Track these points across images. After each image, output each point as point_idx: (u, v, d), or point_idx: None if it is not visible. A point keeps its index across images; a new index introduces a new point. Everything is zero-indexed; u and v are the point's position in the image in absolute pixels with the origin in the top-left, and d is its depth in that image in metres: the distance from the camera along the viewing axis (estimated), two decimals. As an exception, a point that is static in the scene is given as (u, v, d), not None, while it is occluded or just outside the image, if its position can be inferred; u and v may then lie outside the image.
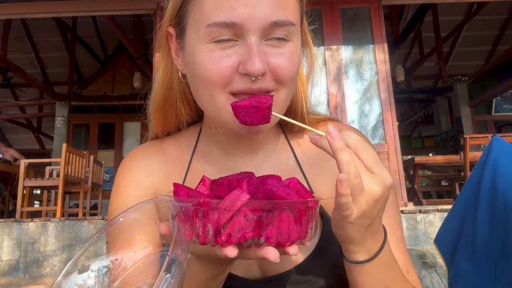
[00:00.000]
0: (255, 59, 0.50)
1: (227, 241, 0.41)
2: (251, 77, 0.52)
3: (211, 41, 0.52)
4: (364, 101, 4.66)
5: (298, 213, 0.43)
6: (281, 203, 0.42)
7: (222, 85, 0.53)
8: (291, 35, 0.54)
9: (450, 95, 9.03)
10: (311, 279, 0.60)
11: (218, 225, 0.41)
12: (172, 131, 0.73)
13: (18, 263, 4.02)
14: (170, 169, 0.68)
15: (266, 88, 0.53)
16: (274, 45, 0.53)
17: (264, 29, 0.52)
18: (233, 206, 0.41)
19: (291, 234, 0.43)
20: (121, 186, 0.67)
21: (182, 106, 0.67)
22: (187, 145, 0.70)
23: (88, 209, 5.40)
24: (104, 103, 9.39)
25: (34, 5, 4.86)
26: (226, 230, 0.41)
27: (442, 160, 5.48)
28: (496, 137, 1.26)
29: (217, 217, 0.41)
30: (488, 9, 7.61)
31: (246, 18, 0.50)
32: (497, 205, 1.12)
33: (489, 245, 1.14)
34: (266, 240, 0.42)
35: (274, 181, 0.46)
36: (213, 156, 0.68)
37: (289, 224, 0.42)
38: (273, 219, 0.42)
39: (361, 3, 4.80)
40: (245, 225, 0.41)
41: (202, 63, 0.53)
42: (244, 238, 0.41)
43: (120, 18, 6.15)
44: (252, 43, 0.51)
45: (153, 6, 4.67)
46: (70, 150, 4.97)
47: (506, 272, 1.09)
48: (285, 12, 0.52)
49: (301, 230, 0.44)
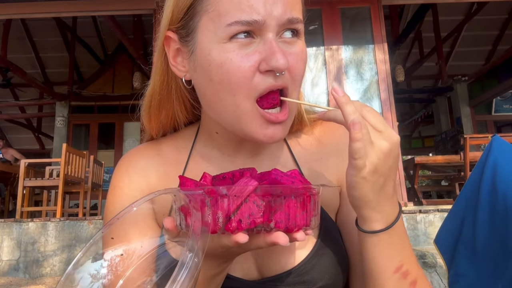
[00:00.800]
0: (278, 54, 0.50)
1: (238, 227, 0.42)
2: (274, 73, 0.52)
3: (230, 41, 0.52)
4: (364, 101, 4.66)
5: (303, 200, 0.44)
6: (288, 189, 0.43)
7: (248, 88, 0.52)
8: (300, 33, 0.56)
9: (450, 95, 9.04)
10: (309, 279, 0.59)
11: (228, 212, 0.42)
12: (168, 131, 0.72)
13: (18, 263, 4.02)
14: (167, 170, 0.68)
15: (287, 85, 0.54)
16: (286, 41, 0.54)
17: (280, 26, 0.53)
18: (242, 192, 0.41)
19: (298, 220, 0.43)
20: (117, 188, 0.67)
21: (179, 108, 0.66)
22: (184, 146, 0.70)
23: (88, 209, 5.40)
24: (104, 103, 9.39)
25: (34, 5, 4.86)
26: (236, 217, 0.42)
27: (442, 160, 5.48)
28: (496, 137, 1.26)
29: (227, 204, 0.41)
30: (488, 9, 7.61)
31: (266, 15, 0.51)
32: (497, 205, 1.12)
33: (489, 245, 1.14)
34: (275, 225, 0.42)
35: (278, 170, 0.47)
36: (211, 157, 0.67)
37: (296, 210, 0.43)
38: (281, 205, 0.42)
39: (361, 3, 4.80)
40: (255, 210, 0.42)
41: (223, 65, 0.52)
42: (254, 224, 0.42)
43: (120, 18, 6.15)
44: (271, 39, 0.52)
45: (153, 6, 4.67)
46: (70, 150, 4.98)
47: (506, 272, 1.09)
48: (296, 10, 0.54)
49: (306, 217, 0.44)
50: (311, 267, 0.60)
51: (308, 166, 0.67)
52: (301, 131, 0.71)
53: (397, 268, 0.52)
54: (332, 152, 0.67)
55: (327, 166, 0.67)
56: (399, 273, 0.52)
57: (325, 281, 0.60)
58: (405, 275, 0.52)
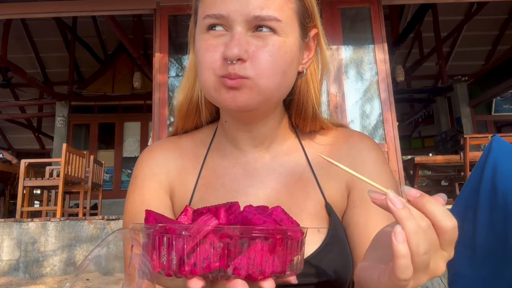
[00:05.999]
0: (231, 44, 0.56)
1: (192, 271, 0.38)
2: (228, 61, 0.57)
3: (207, 31, 0.60)
4: (364, 101, 4.66)
5: (273, 243, 0.38)
6: (252, 229, 0.38)
7: (212, 68, 0.59)
8: (278, 30, 0.58)
9: (450, 95, 9.03)
10: (315, 272, 0.61)
11: (182, 254, 0.38)
12: (190, 129, 0.77)
13: (18, 263, 4.02)
14: (186, 163, 0.72)
15: (242, 74, 0.57)
16: (258, 35, 0.58)
17: (248, 22, 0.57)
18: (199, 232, 0.37)
19: (265, 266, 0.38)
20: (138, 179, 0.71)
21: (203, 102, 0.71)
22: (202, 140, 0.74)
23: (88, 209, 5.40)
24: (104, 103, 9.38)
25: (34, 5, 4.85)
26: (190, 260, 0.38)
27: (442, 160, 5.48)
28: (496, 137, 1.25)
29: (182, 244, 0.37)
30: (488, 9, 7.60)
31: (232, 11, 0.57)
32: (497, 205, 1.12)
33: (489, 245, 1.14)
34: (233, 272, 0.38)
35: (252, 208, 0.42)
36: (226, 151, 0.71)
37: (263, 254, 0.38)
38: (244, 248, 0.38)
39: (361, 3, 4.79)
40: (211, 253, 0.37)
41: (199, 50, 0.61)
42: (209, 269, 0.37)
43: (120, 18, 6.15)
44: (235, 32, 0.57)
45: (153, 6, 4.67)
46: (70, 150, 4.97)
47: (506, 272, 1.09)
48: (271, 8, 0.58)
49: (277, 263, 0.39)
50: (318, 260, 0.61)
51: (321, 167, 0.69)
52: (316, 132, 0.74)
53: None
54: (344, 156, 0.69)
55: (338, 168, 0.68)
56: None
57: (330, 276, 0.61)
58: None
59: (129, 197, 0.70)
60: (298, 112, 0.71)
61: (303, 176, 0.69)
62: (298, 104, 0.70)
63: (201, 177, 0.70)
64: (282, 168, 0.69)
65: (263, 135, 0.69)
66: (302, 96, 0.69)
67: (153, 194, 0.69)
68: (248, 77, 0.57)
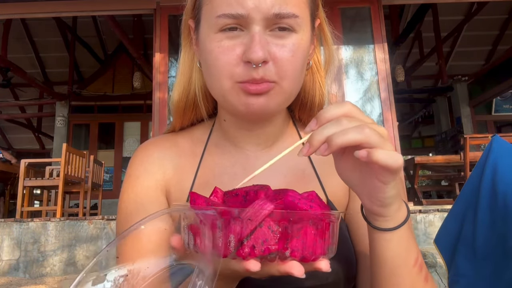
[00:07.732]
0: (256, 46, 0.53)
1: (250, 253, 0.39)
2: (252, 65, 0.54)
3: (220, 32, 0.56)
4: (364, 101, 4.66)
5: (322, 227, 0.41)
6: (306, 215, 0.40)
7: (230, 75, 0.56)
8: (296, 27, 0.56)
9: (450, 95, 9.03)
10: (321, 274, 0.60)
11: (240, 236, 0.38)
12: (187, 125, 0.74)
13: (18, 262, 4.02)
14: (183, 161, 0.69)
15: (269, 78, 0.55)
16: (277, 35, 0.56)
17: (267, 20, 0.54)
18: (257, 216, 0.38)
19: (315, 248, 0.40)
20: (133, 177, 0.67)
21: (201, 98, 0.69)
22: (199, 137, 0.71)
23: (88, 209, 5.40)
24: (104, 103, 9.38)
25: (34, 5, 4.85)
26: (249, 242, 0.38)
27: (442, 160, 5.48)
28: (496, 137, 1.25)
29: (240, 227, 0.38)
30: (488, 9, 7.60)
31: (251, 9, 0.53)
32: (497, 205, 1.12)
33: (489, 245, 1.14)
34: (291, 254, 0.39)
35: (295, 192, 0.44)
36: (224, 149, 0.69)
37: (313, 237, 0.40)
38: (298, 232, 0.39)
39: (361, 3, 4.80)
40: (269, 237, 0.39)
41: (212, 52, 0.57)
42: (268, 251, 0.39)
43: (120, 18, 6.15)
44: (255, 32, 0.54)
45: (153, 6, 4.67)
46: (70, 150, 4.97)
47: (506, 272, 1.09)
48: (288, 5, 0.55)
49: (323, 245, 0.41)
50: None
51: (322, 164, 0.69)
52: None
53: (415, 260, 0.51)
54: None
55: None
56: (416, 265, 0.51)
57: (336, 276, 0.60)
58: (420, 268, 0.52)
59: (123, 196, 0.67)
60: (303, 105, 0.69)
61: (305, 173, 0.68)
62: (304, 97, 0.69)
63: (198, 177, 0.67)
64: (285, 166, 0.67)
65: (269, 134, 0.67)
66: (308, 88, 0.68)
67: (148, 193, 0.65)
68: (274, 81, 0.55)
